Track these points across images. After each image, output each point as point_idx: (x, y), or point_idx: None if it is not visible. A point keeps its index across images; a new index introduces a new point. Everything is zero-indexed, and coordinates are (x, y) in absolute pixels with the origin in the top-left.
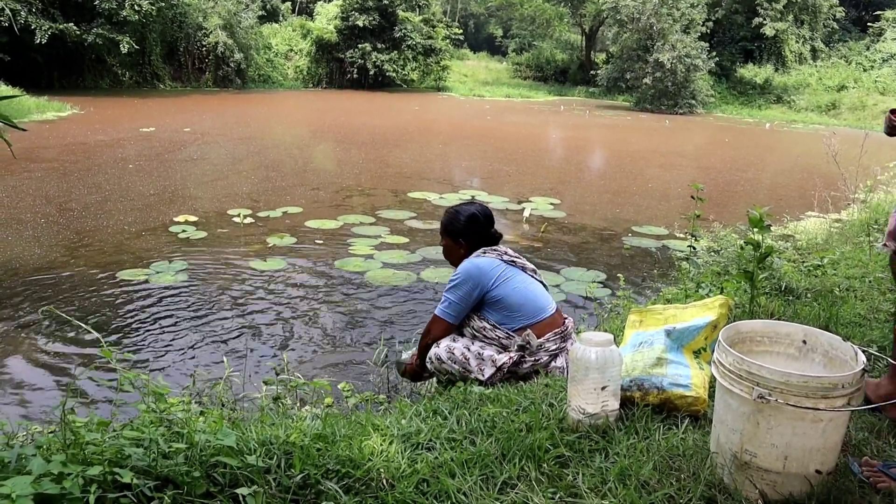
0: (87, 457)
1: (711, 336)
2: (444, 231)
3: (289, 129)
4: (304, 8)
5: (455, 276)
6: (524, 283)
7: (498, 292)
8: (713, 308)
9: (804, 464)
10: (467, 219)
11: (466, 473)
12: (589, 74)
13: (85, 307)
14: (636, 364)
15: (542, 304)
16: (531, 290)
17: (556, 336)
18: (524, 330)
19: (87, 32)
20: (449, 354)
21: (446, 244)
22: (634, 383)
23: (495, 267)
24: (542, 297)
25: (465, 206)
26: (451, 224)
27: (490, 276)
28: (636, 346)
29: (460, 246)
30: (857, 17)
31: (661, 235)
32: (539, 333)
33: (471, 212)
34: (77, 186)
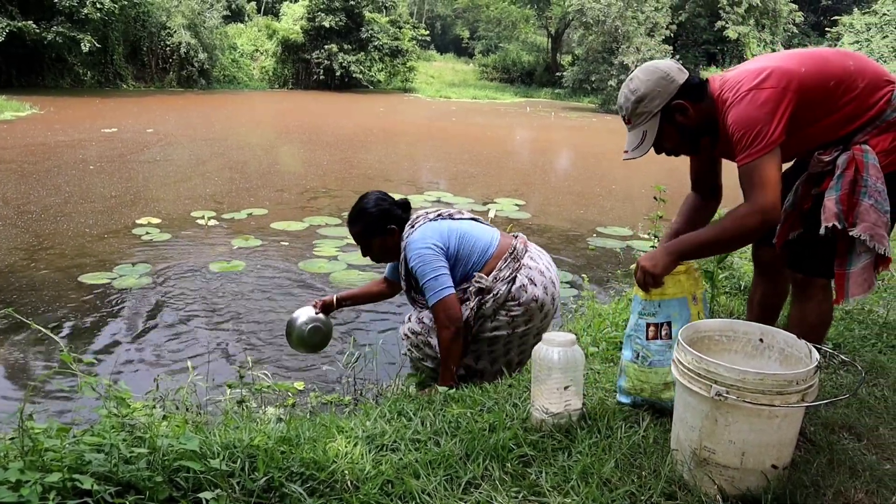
0: (46, 463)
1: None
2: (367, 233)
3: (253, 130)
4: (269, 8)
5: (418, 260)
6: (461, 230)
7: (450, 251)
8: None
9: (761, 459)
10: (375, 204)
11: (431, 474)
12: (555, 76)
13: (45, 311)
14: (643, 384)
15: (485, 243)
16: (471, 234)
17: (505, 262)
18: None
19: (46, 30)
20: (412, 335)
21: (378, 245)
22: (647, 404)
23: (434, 228)
24: (482, 235)
25: (361, 202)
26: (368, 222)
27: (441, 237)
28: (630, 332)
29: (390, 234)
30: (815, 21)
31: (625, 236)
32: (488, 270)
33: (372, 198)
34: (36, 188)
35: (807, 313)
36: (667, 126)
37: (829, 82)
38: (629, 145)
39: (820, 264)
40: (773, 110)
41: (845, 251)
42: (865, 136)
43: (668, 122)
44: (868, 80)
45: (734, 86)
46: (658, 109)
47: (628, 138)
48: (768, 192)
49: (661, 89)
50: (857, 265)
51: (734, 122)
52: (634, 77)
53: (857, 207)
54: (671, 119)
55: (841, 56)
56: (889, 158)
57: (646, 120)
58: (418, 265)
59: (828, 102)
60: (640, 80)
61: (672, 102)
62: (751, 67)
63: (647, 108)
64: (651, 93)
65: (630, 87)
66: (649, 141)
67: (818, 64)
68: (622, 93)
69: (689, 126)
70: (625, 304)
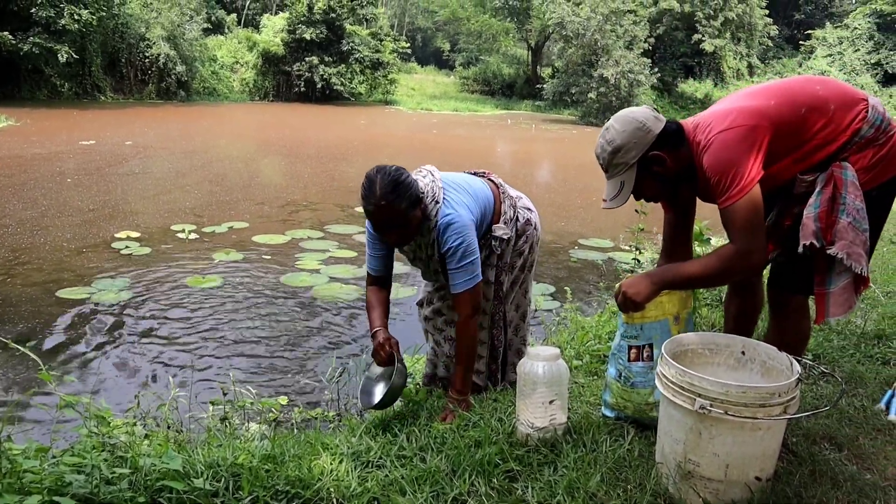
0: (25, 485)
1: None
2: (410, 207)
3: (234, 143)
4: (250, 20)
5: (461, 238)
6: (470, 185)
7: (477, 217)
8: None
9: (744, 471)
10: (405, 172)
11: (417, 490)
12: (535, 88)
13: (23, 328)
14: (626, 402)
15: (485, 189)
16: (476, 191)
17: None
18: (490, 233)
19: (23, 41)
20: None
21: (416, 221)
22: (629, 421)
23: (465, 198)
24: (481, 189)
25: (388, 175)
26: (410, 193)
27: (476, 203)
28: (615, 351)
29: (422, 207)
30: (790, 35)
31: (606, 248)
32: (497, 217)
33: (392, 168)
34: (11, 201)
35: (785, 331)
36: (645, 176)
37: (801, 109)
38: (607, 195)
39: (798, 282)
40: (748, 149)
41: (825, 269)
42: (846, 153)
43: (646, 173)
44: (838, 102)
45: (705, 129)
46: (634, 161)
47: (607, 187)
48: (752, 236)
49: (637, 140)
50: (836, 284)
51: (710, 167)
52: (610, 127)
53: (836, 225)
54: (649, 169)
55: (807, 83)
56: (869, 175)
57: (622, 171)
58: (461, 244)
59: (802, 131)
60: (616, 130)
61: (649, 154)
62: (720, 109)
63: (623, 159)
64: (627, 144)
65: (606, 138)
66: (627, 191)
67: (786, 94)
68: (599, 142)
69: (668, 176)
70: (608, 317)
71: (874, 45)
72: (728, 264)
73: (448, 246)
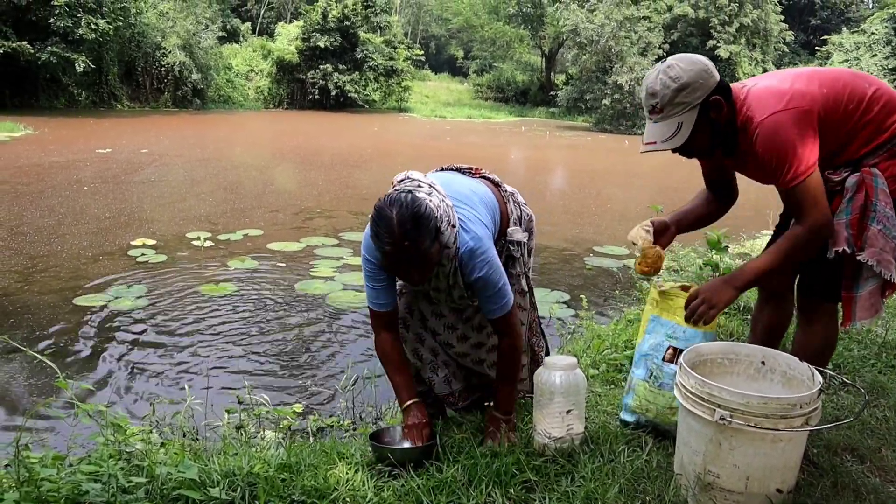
0: (43, 494)
1: None
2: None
3: (248, 151)
4: (264, 28)
5: (488, 265)
6: (475, 199)
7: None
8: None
9: (765, 483)
10: (424, 204)
11: (433, 501)
12: (549, 95)
13: (41, 335)
14: (650, 404)
15: (493, 198)
16: (482, 197)
17: (510, 203)
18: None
19: (41, 51)
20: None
21: (434, 253)
22: (650, 426)
23: (481, 216)
24: (485, 193)
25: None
26: (437, 227)
27: (490, 217)
28: (648, 352)
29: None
30: (805, 40)
31: (621, 255)
32: (506, 222)
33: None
34: (29, 209)
35: (812, 337)
36: (700, 122)
37: (849, 105)
38: (658, 136)
39: (826, 288)
40: (808, 130)
41: (852, 275)
42: (877, 158)
43: (702, 118)
44: (884, 103)
45: (759, 105)
46: (698, 102)
47: (655, 129)
48: (823, 211)
49: (703, 81)
50: (864, 289)
51: (769, 148)
52: (673, 66)
53: (866, 232)
54: (706, 115)
55: (857, 78)
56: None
57: (683, 111)
58: (489, 272)
59: (846, 125)
60: (681, 68)
61: (710, 97)
62: (772, 86)
63: (688, 98)
64: (693, 83)
65: (670, 75)
66: (685, 133)
67: (836, 86)
68: (657, 79)
69: (719, 126)
70: (624, 325)
71: (892, 51)
72: (804, 243)
73: (476, 276)
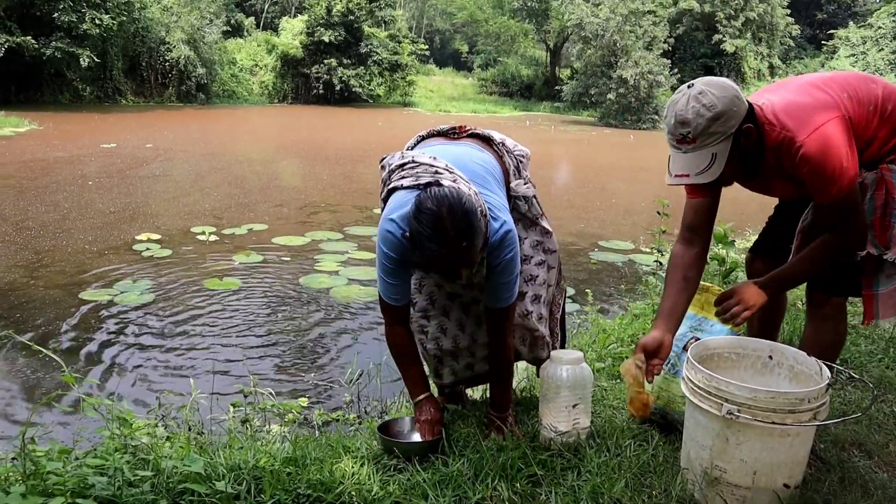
0: (49, 487)
1: None
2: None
3: (253, 145)
4: (268, 23)
5: (514, 250)
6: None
7: None
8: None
9: (773, 478)
10: (470, 199)
11: (439, 495)
12: (554, 90)
13: (46, 329)
14: (662, 391)
15: (494, 163)
16: (490, 168)
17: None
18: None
19: (45, 46)
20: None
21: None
22: (658, 413)
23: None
24: (488, 160)
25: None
26: (479, 222)
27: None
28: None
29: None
30: (811, 35)
31: (626, 250)
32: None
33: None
34: (34, 204)
35: (822, 333)
36: (733, 151)
37: (869, 106)
38: (691, 169)
39: (841, 284)
40: (846, 139)
41: (872, 271)
42: (894, 155)
43: (733, 147)
44: (893, 103)
45: (795, 123)
46: (732, 132)
47: (687, 161)
48: (861, 221)
49: (736, 109)
50: (886, 286)
51: (818, 165)
52: (706, 92)
53: (890, 230)
54: (737, 143)
55: (866, 82)
56: None
57: (718, 140)
58: (514, 257)
59: (870, 127)
60: (714, 95)
61: (743, 125)
62: (798, 101)
63: (723, 127)
64: (728, 111)
65: (703, 102)
66: (720, 165)
67: (852, 91)
68: (689, 107)
69: (748, 152)
70: (630, 320)
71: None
72: (838, 253)
73: (500, 259)
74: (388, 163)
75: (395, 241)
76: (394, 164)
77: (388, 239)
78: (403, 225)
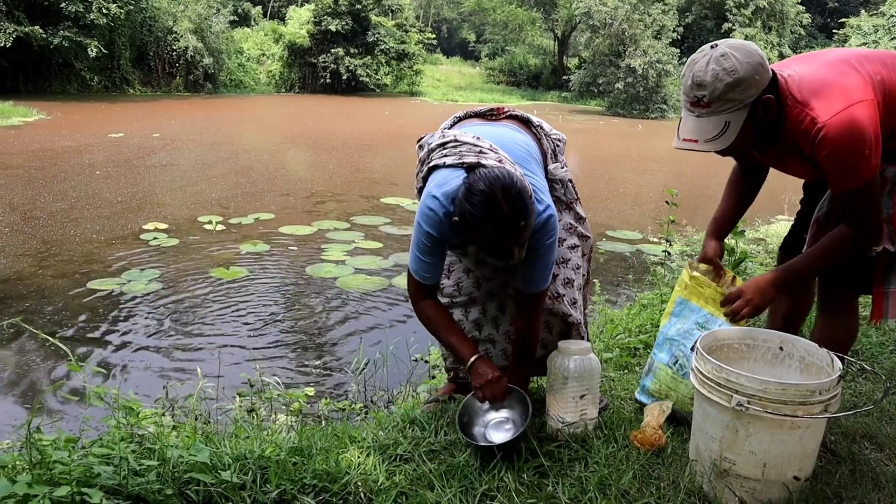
0: (55, 476)
1: None
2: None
3: (260, 135)
4: (275, 13)
5: (552, 233)
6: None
7: None
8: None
9: (783, 470)
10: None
11: (445, 486)
12: (562, 79)
13: (54, 318)
14: (671, 391)
15: (534, 146)
16: (531, 150)
17: (545, 136)
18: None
19: (53, 36)
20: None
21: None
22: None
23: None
24: (530, 142)
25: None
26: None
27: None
28: (675, 337)
29: None
30: (822, 23)
31: (634, 240)
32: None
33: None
34: (42, 194)
35: (834, 329)
36: (748, 122)
37: (892, 92)
38: (700, 134)
39: (853, 279)
40: (873, 125)
41: (885, 268)
42: None
43: (749, 118)
44: None
45: (818, 102)
46: (751, 100)
47: (698, 125)
48: (876, 214)
49: (758, 77)
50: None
51: (837, 150)
52: (728, 55)
53: None
54: (754, 114)
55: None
56: None
57: (733, 109)
58: (553, 240)
59: (891, 115)
60: (737, 60)
61: (763, 96)
62: (824, 78)
63: (741, 95)
64: (749, 79)
65: (724, 66)
66: (731, 134)
67: (890, 74)
68: (709, 69)
69: (765, 125)
70: (638, 310)
71: None
72: (851, 247)
73: (542, 244)
74: (426, 142)
75: (437, 219)
76: (434, 143)
77: (429, 216)
78: (446, 202)
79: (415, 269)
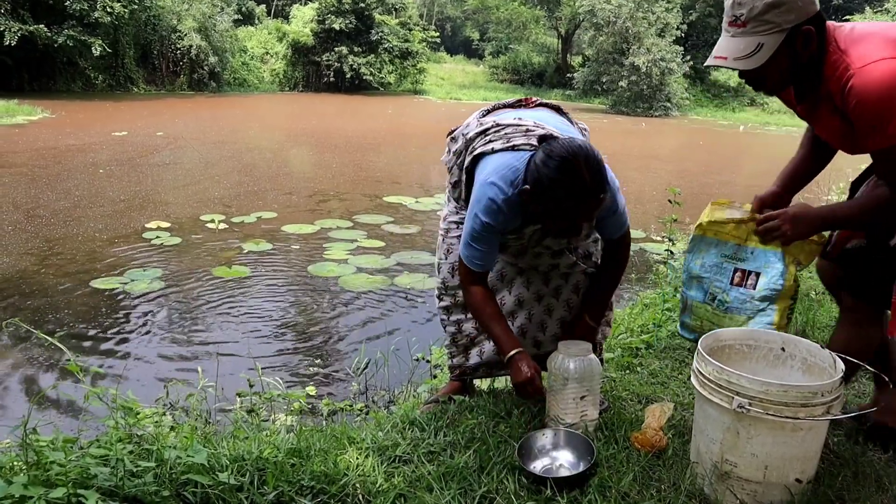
0: (51, 478)
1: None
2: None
3: (263, 133)
4: (279, 11)
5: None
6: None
7: None
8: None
9: (784, 473)
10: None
11: (444, 487)
12: (565, 77)
13: (56, 317)
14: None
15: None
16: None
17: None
18: None
19: (57, 34)
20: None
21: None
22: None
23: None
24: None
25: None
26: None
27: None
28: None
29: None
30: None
31: (637, 238)
32: None
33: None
34: (45, 192)
35: (853, 339)
36: (784, 50)
37: None
38: (731, 52)
39: (876, 290)
40: None
41: None
42: None
43: (786, 46)
44: None
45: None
46: (789, 26)
47: (731, 44)
48: None
49: (802, 4)
50: None
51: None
52: None
53: None
54: (791, 44)
55: None
56: None
57: (769, 31)
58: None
59: None
60: None
61: (803, 26)
62: (873, 32)
63: (778, 18)
64: (791, 3)
65: None
66: (763, 56)
67: None
68: None
69: (801, 60)
70: (639, 309)
71: None
72: (887, 210)
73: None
74: (461, 133)
75: (495, 207)
76: (471, 133)
77: (486, 205)
78: (507, 188)
79: (465, 255)
